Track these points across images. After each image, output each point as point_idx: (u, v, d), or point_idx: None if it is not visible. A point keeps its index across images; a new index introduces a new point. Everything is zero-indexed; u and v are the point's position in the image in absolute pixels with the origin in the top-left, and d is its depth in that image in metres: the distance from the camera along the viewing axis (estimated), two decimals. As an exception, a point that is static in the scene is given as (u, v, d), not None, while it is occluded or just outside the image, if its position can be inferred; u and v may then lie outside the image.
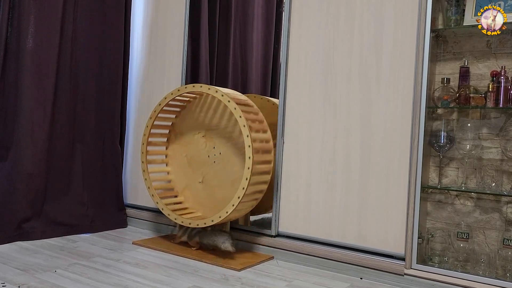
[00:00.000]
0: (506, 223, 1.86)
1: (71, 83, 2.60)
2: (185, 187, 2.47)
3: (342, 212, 2.12)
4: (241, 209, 2.17)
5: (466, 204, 1.95)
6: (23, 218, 2.33)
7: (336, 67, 2.16)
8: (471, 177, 1.93)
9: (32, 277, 1.78)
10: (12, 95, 2.37)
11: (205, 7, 2.76)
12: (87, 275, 1.84)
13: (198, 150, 2.43)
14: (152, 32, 2.87)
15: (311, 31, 2.24)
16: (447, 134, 1.95)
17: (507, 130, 1.87)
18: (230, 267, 2.05)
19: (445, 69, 2.00)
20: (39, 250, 2.17)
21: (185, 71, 2.69)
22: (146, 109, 2.84)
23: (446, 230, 1.97)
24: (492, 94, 1.82)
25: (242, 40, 2.78)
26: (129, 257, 2.14)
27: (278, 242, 2.25)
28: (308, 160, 2.22)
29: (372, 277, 1.98)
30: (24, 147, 2.36)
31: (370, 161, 2.06)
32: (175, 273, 1.95)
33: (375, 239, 2.03)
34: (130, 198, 2.91)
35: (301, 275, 2.02)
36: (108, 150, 2.77)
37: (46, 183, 2.47)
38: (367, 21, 2.09)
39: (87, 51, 2.67)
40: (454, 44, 2.00)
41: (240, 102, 2.20)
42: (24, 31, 2.36)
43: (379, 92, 2.05)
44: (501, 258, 1.81)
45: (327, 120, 2.18)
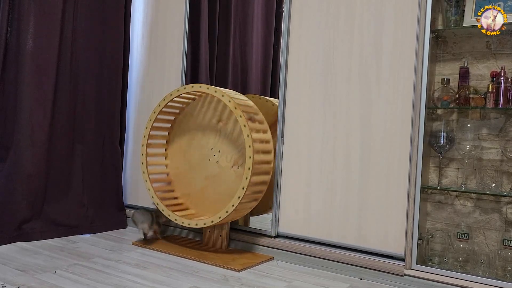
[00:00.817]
0: (506, 224, 1.86)
1: (71, 84, 2.60)
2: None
3: (342, 212, 2.12)
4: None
5: (466, 205, 1.95)
6: (23, 218, 2.33)
7: (336, 67, 2.16)
8: (471, 177, 1.93)
9: (32, 277, 1.78)
10: (12, 95, 2.37)
11: (205, 7, 2.76)
12: (87, 276, 1.84)
13: (198, 150, 2.43)
14: (152, 32, 2.87)
15: (311, 31, 2.24)
16: (447, 134, 1.95)
17: (506, 130, 1.86)
18: (229, 267, 2.05)
19: (445, 69, 2.00)
20: (39, 251, 2.17)
21: (185, 71, 2.69)
22: (146, 109, 2.84)
23: (446, 230, 1.97)
24: (492, 94, 1.82)
25: (242, 40, 2.78)
26: (129, 258, 2.14)
27: (278, 242, 2.25)
28: (308, 161, 2.22)
29: (372, 278, 1.98)
30: (24, 148, 2.36)
31: (370, 161, 2.06)
32: (174, 273, 1.96)
33: (375, 239, 2.03)
34: (130, 198, 2.91)
35: (301, 275, 2.02)
36: (108, 150, 2.77)
37: (46, 183, 2.47)
38: (367, 22, 2.09)
39: (87, 51, 2.67)
40: (453, 45, 1.99)
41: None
42: (24, 32, 2.36)
43: (379, 92, 2.05)
44: (501, 258, 1.81)
45: (327, 120, 2.18)
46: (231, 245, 2.39)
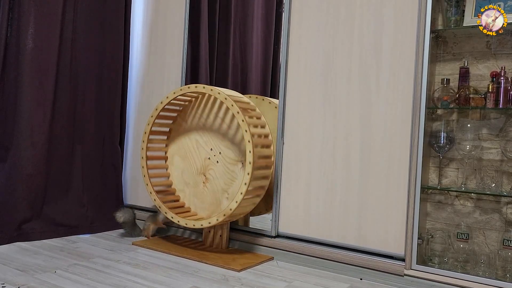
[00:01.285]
0: (506, 224, 1.86)
1: (71, 84, 2.61)
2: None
3: (342, 212, 2.12)
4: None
5: (466, 205, 1.95)
6: (23, 218, 2.33)
7: (336, 67, 2.16)
8: (471, 177, 1.93)
9: (31, 277, 1.78)
10: (12, 96, 2.37)
11: (205, 8, 2.76)
12: (87, 276, 1.84)
13: (198, 151, 2.43)
14: (152, 32, 2.87)
15: (311, 32, 2.24)
16: (447, 134, 1.95)
17: (507, 130, 1.86)
18: (230, 267, 2.05)
19: (445, 69, 2.00)
20: (39, 251, 2.17)
21: (185, 72, 2.69)
22: (146, 109, 2.85)
23: (446, 230, 1.97)
24: (492, 94, 1.82)
25: (242, 40, 2.78)
26: (129, 258, 2.14)
27: (278, 242, 2.25)
28: (308, 161, 2.22)
29: (372, 278, 1.98)
30: (24, 148, 2.36)
31: (370, 161, 2.06)
32: (175, 273, 1.95)
33: (375, 239, 2.03)
34: (130, 198, 2.91)
35: (301, 275, 2.02)
36: (108, 150, 2.77)
37: (46, 183, 2.47)
38: (367, 22, 2.09)
39: (87, 51, 2.67)
40: (453, 45, 2.00)
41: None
42: (24, 32, 2.36)
43: (379, 92, 2.05)
44: (501, 258, 1.81)
45: (327, 120, 2.18)
46: (231, 245, 2.39)
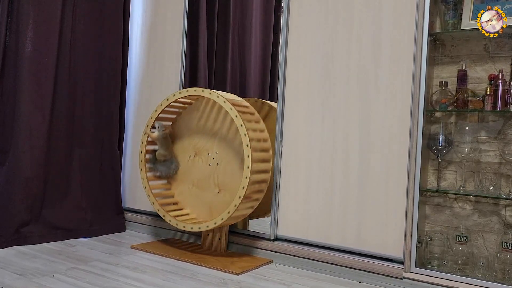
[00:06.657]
0: (505, 226, 1.86)
1: (70, 87, 2.60)
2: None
3: (341, 215, 2.12)
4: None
5: (465, 208, 1.95)
6: (21, 222, 2.33)
7: (335, 70, 2.17)
8: (470, 180, 1.93)
9: (30, 281, 1.77)
10: (11, 99, 2.37)
11: (204, 11, 2.77)
12: (85, 280, 1.83)
13: (196, 154, 2.43)
14: (150, 36, 2.87)
15: (310, 35, 2.24)
16: (445, 137, 1.95)
17: (505, 133, 1.87)
18: (228, 271, 2.05)
19: (443, 72, 2.01)
20: (37, 255, 2.16)
21: (184, 76, 2.69)
22: (145, 113, 2.84)
23: (444, 233, 1.97)
24: (490, 97, 1.83)
25: (241, 44, 2.79)
26: (128, 261, 2.14)
27: (277, 246, 2.24)
28: (307, 164, 2.22)
29: (371, 281, 1.98)
30: (22, 152, 2.35)
31: (368, 164, 2.06)
32: (173, 277, 1.95)
33: (374, 242, 2.03)
34: (129, 202, 2.90)
35: (300, 279, 2.02)
36: (107, 154, 2.77)
37: (45, 187, 2.47)
38: (366, 25, 2.09)
39: (86, 55, 2.67)
40: (451, 48, 2.00)
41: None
42: (22, 35, 2.36)
43: (377, 95, 2.05)
44: (499, 261, 1.81)
45: (325, 123, 2.18)
46: (230, 248, 2.39)
